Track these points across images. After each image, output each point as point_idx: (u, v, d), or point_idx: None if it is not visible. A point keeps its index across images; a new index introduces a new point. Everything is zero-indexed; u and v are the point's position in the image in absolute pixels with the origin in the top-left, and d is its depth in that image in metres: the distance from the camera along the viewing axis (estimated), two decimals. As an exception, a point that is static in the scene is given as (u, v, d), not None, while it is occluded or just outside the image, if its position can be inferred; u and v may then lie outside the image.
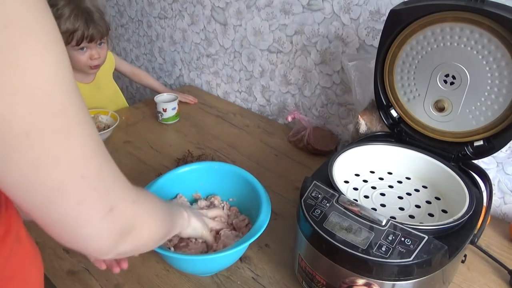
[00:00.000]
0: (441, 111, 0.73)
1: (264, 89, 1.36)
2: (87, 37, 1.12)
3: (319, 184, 0.64)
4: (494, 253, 0.79)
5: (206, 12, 1.42)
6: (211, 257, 0.65)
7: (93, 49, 1.17)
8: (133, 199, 0.40)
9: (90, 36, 1.12)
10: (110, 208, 0.35)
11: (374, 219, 0.57)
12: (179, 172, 0.82)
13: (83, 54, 1.16)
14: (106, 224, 0.36)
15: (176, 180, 0.81)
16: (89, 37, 1.12)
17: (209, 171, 0.84)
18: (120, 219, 0.38)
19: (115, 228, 0.37)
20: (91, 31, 1.12)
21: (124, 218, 0.38)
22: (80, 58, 1.16)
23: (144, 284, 0.72)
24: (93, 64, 1.19)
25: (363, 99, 0.93)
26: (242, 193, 0.81)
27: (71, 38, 1.10)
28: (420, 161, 0.74)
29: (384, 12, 0.95)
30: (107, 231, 0.36)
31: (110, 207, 0.35)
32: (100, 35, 1.15)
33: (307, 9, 1.11)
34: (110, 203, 0.36)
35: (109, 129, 1.15)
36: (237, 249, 0.64)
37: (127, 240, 0.39)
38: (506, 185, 0.90)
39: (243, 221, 0.78)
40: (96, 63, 1.20)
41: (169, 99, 1.30)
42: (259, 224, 0.68)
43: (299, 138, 1.16)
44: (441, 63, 0.70)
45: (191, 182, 0.83)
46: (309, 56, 1.17)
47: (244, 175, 0.81)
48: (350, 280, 0.57)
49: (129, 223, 0.39)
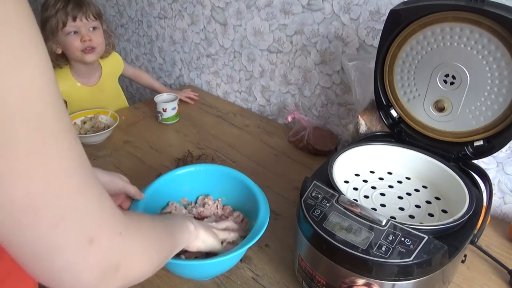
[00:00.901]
0: (441, 111, 0.73)
1: (264, 89, 1.36)
2: (68, 14, 1.13)
3: (319, 184, 0.64)
4: (494, 253, 0.79)
5: (206, 12, 1.42)
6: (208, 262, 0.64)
7: (83, 31, 1.17)
8: (121, 230, 0.34)
9: (72, 13, 1.13)
10: (90, 239, 0.30)
11: (374, 219, 0.56)
12: (162, 181, 0.79)
13: (74, 38, 1.16)
14: (84, 257, 0.30)
15: (161, 190, 0.78)
16: (71, 14, 1.13)
17: (195, 175, 0.82)
18: (103, 254, 0.32)
19: (96, 264, 0.31)
20: (71, 7, 1.13)
21: (108, 254, 0.32)
22: (73, 43, 1.16)
23: (144, 284, 0.72)
24: (85, 46, 1.17)
25: (363, 99, 0.93)
26: (232, 190, 0.81)
27: (57, 20, 1.12)
28: (420, 161, 0.74)
29: (384, 12, 0.95)
30: (86, 266, 0.31)
31: (89, 238, 0.30)
32: (83, 13, 1.15)
33: (307, 9, 1.11)
34: (90, 232, 0.31)
35: (109, 129, 1.15)
36: (236, 253, 0.63)
37: (113, 279, 0.33)
38: (506, 185, 0.90)
39: (238, 217, 0.79)
40: (89, 44, 1.18)
41: (169, 99, 1.30)
42: (259, 226, 0.68)
43: (299, 138, 1.16)
44: (441, 63, 0.70)
45: (176, 189, 0.81)
46: (309, 56, 1.17)
47: (231, 173, 0.81)
48: (350, 280, 0.57)
49: (115, 259, 0.33)
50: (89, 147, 1.14)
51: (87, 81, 1.29)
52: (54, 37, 1.16)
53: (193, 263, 0.65)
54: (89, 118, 1.22)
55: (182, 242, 0.57)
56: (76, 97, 1.27)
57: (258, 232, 0.66)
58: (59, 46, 1.18)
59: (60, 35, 1.15)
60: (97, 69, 1.31)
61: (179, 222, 0.58)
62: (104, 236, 0.32)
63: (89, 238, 0.30)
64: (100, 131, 1.16)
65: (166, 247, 0.48)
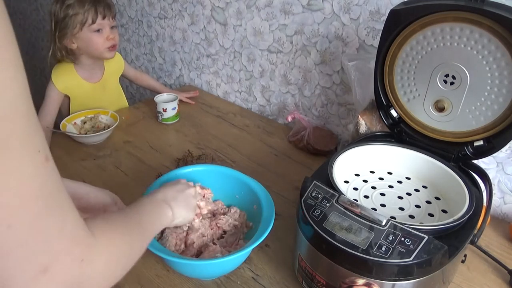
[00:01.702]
0: (441, 111, 0.73)
1: (264, 89, 1.36)
2: (100, 12, 1.17)
3: (319, 184, 0.64)
4: (494, 253, 0.79)
5: (206, 12, 1.42)
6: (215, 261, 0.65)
7: (108, 30, 1.21)
8: (82, 256, 0.32)
9: (104, 12, 1.18)
10: (44, 268, 0.29)
11: (374, 219, 0.56)
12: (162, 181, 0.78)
13: (100, 36, 1.20)
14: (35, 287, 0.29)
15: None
16: (102, 13, 1.18)
17: (195, 175, 0.82)
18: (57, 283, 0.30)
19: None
20: (102, 7, 1.18)
21: (64, 282, 0.31)
22: (98, 41, 1.20)
23: (144, 284, 0.72)
24: (110, 45, 1.23)
25: (363, 99, 0.93)
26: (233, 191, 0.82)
27: (85, 17, 1.16)
28: (420, 161, 0.74)
29: (384, 12, 0.95)
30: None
31: (43, 267, 0.29)
32: (111, 13, 1.21)
33: (307, 9, 1.11)
34: (44, 261, 0.29)
35: (109, 129, 1.15)
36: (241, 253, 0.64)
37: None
38: (506, 185, 0.90)
39: (236, 212, 0.80)
40: (113, 43, 1.23)
41: (169, 99, 1.30)
42: (263, 227, 0.68)
43: (299, 138, 1.16)
44: (441, 63, 0.70)
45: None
46: (309, 56, 1.17)
47: (233, 174, 0.82)
48: (350, 280, 0.57)
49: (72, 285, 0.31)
50: (89, 147, 1.14)
51: (91, 77, 1.30)
52: (76, 33, 1.18)
53: (199, 263, 0.65)
54: (89, 118, 1.22)
55: (157, 229, 0.57)
56: (79, 92, 1.28)
57: (263, 232, 0.66)
58: (74, 42, 1.20)
59: (85, 31, 1.18)
60: (101, 67, 1.33)
61: (156, 209, 0.58)
62: (60, 264, 0.30)
63: (43, 267, 0.29)
64: (100, 131, 1.16)
65: (138, 249, 0.47)
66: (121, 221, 0.45)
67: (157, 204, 0.60)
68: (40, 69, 2.72)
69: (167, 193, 0.63)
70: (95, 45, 1.20)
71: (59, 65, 1.26)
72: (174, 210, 0.61)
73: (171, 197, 0.63)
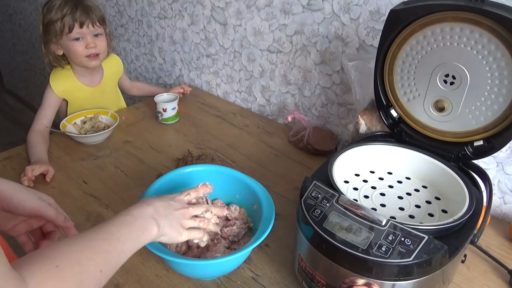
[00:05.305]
0: (441, 111, 0.73)
1: (264, 89, 1.36)
2: (76, 20, 1.12)
3: (319, 184, 0.64)
4: (494, 253, 0.79)
5: (206, 12, 1.42)
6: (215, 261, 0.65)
7: (88, 38, 1.16)
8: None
9: (79, 19, 1.13)
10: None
11: (374, 219, 0.57)
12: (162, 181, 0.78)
13: (79, 44, 1.16)
14: None
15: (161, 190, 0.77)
16: (78, 20, 1.13)
17: (195, 175, 0.81)
18: None
19: None
20: (79, 14, 1.12)
21: None
22: (76, 49, 1.16)
23: (144, 284, 0.72)
24: (90, 53, 1.17)
25: (363, 99, 0.93)
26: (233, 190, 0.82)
27: (63, 24, 1.12)
28: (420, 161, 0.74)
29: (384, 12, 0.95)
30: None
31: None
32: (90, 20, 1.15)
33: (307, 9, 1.11)
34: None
35: (109, 129, 1.15)
36: (241, 253, 0.64)
37: None
38: (506, 185, 0.90)
39: (236, 210, 0.80)
40: (94, 51, 1.18)
41: (169, 99, 1.30)
42: (263, 227, 0.68)
43: (299, 138, 1.16)
44: (441, 63, 0.70)
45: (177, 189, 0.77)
46: (309, 56, 1.17)
47: (234, 174, 0.81)
48: (350, 280, 0.57)
49: None
50: (89, 147, 1.14)
51: (90, 81, 1.28)
52: (57, 40, 1.15)
53: (198, 263, 0.65)
54: (89, 118, 1.22)
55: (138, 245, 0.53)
56: (77, 96, 1.26)
57: (263, 232, 0.66)
58: (60, 48, 1.18)
59: (64, 39, 1.15)
60: (99, 71, 1.30)
61: (139, 226, 0.54)
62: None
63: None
64: (100, 131, 1.16)
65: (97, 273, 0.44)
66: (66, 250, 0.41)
67: (143, 221, 0.56)
68: (40, 69, 2.72)
69: (159, 209, 0.59)
70: (73, 53, 1.17)
71: (57, 69, 1.23)
72: (160, 229, 0.57)
73: (163, 215, 0.59)
